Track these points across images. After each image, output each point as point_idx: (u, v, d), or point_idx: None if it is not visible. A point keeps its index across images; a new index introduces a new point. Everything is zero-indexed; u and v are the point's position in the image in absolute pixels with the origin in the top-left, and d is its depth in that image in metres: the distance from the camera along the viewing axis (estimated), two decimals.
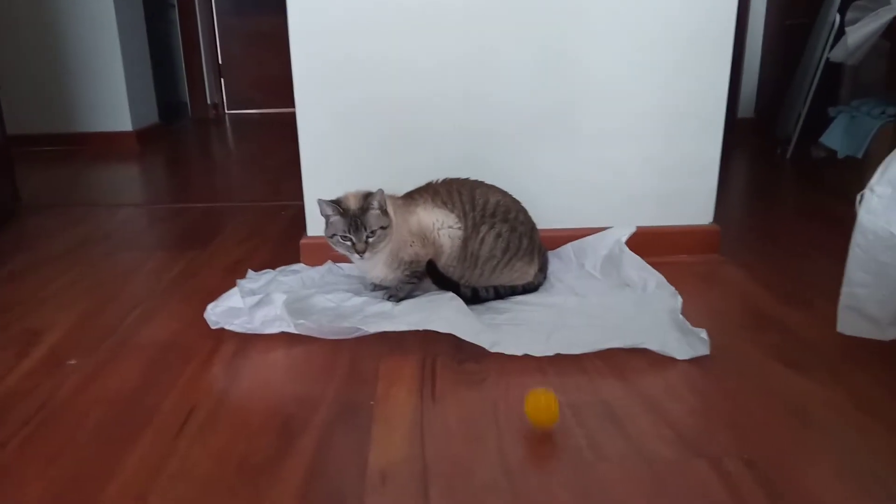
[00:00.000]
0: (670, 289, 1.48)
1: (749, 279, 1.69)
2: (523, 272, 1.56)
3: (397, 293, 1.50)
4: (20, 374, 1.25)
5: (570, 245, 1.74)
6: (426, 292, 1.51)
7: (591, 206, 1.81)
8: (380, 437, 1.04)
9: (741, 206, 2.53)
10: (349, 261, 1.51)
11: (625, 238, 1.66)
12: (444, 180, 1.58)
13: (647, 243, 1.68)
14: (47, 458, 1.00)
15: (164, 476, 0.95)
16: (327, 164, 1.75)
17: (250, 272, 1.64)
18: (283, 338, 1.35)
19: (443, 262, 1.51)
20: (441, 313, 1.35)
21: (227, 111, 5.52)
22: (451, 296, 1.44)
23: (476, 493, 0.91)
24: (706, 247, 1.83)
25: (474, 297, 1.48)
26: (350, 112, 1.72)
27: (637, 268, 1.58)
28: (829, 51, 2.87)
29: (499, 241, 1.52)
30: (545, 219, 1.68)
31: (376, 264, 1.48)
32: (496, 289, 1.52)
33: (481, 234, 1.51)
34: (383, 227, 1.43)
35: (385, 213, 1.44)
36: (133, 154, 3.76)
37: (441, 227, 1.51)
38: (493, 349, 1.26)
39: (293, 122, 1.72)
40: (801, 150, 3.15)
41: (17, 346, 1.36)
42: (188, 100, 5.22)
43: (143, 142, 3.92)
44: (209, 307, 1.39)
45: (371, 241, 1.42)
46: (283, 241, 1.98)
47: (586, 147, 1.77)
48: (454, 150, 1.75)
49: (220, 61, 5.42)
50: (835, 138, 2.82)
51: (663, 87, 1.74)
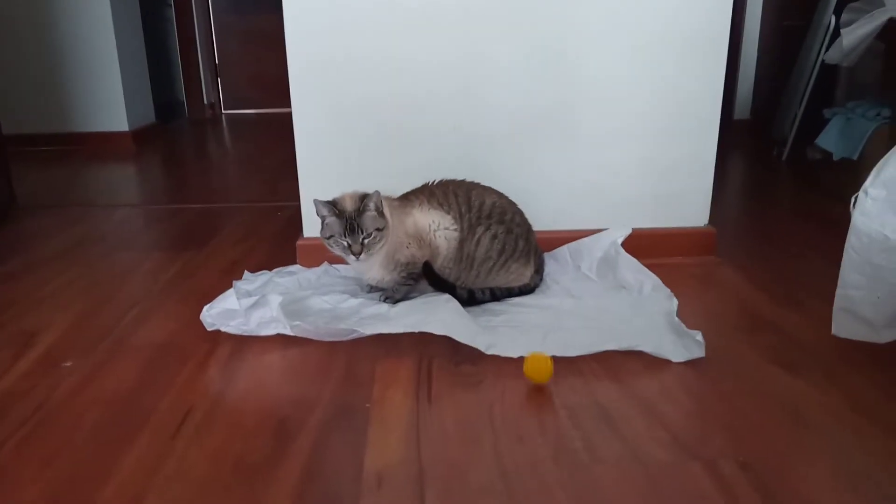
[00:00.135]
0: (666, 291, 1.48)
1: (745, 281, 1.69)
2: (519, 274, 1.56)
3: (394, 295, 1.51)
4: (16, 375, 1.25)
5: (566, 247, 1.75)
6: (422, 294, 1.52)
7: (587, 208, 1.81)
8: (376, 439, 1.04)
9: (737, 208, 2.54)
10: (346, 262, 1.51)
11: (621, 240, 1.66)
12: (440, 181, 1.58)
13: (642, 245, 1.69)
14: (44, 459, 1.00)
15: (161, 477, 0.95)
16: (324, 165, 1.75)
17: (247, 273, 1.64)
18: (280, 339, 1.36)
19: (439, 264, 1.51)
20: (437, 315, 1.35)
21: (223, 111, 5.51)
22: (447, 297, 1.44)
23: (472, 495, 0.92)
24: (702, 248, 1.83)
25: (470, 299, 1.48)
26: (346, 112, 1.72)
27: (633, 270, 1.58)
28: (825, 52, 2.88)
29: (495, 242, 1.52)
30: (541, 220, 1.68)
31: (372, 266, 1.48)
32: (492, 290, 1.52)
33: (477, 235, 1.51)
34: (379, 229, 1.43)
35: (381, 214, 1.44)
36: (129, 154, 3.75)
37: (437, 228, 1.51)
38: (490, 352, 1.26)
39: (289, 121, 1.72)
40: (796, 152, 3.16)
41: (14, 347, 1.36)
42: (185, 99, 5.21)
43: (140, 142, 3.91)
44: (205, 309, 1.39)
45: (367, 242, 1.42)
46: (279, 242, 1.98)
47: (582, 148, 1.77)
48: (451, 150, 1.75)
49: (216, 60, 5.42)
50: (830, 140, 2.83)
51: (659, 89, 1.74)
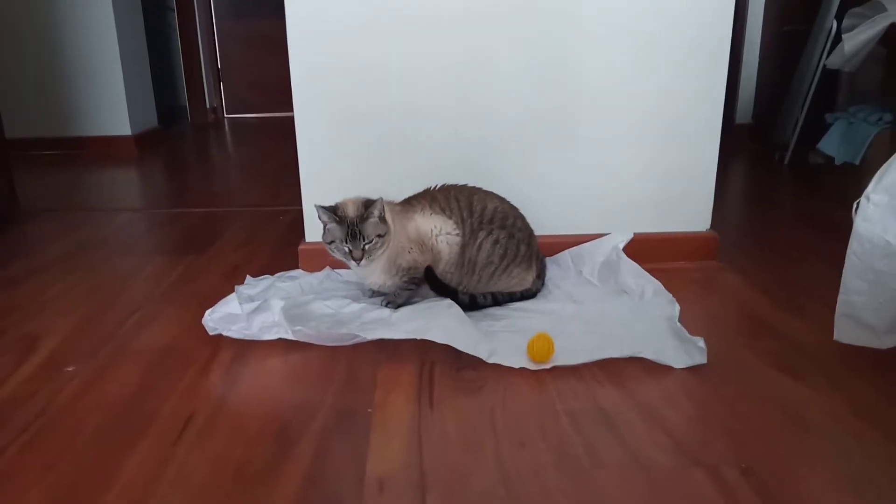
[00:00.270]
0: (668, 296, 1.49)
1: (747, 285, 1.69)
2: (521, 279, 1.56)
3: (395, 299, 1.51)
4: (19, 380, 1.25)
5: (567, 252, 1.75)
6: (424, 298, 1.52)
7: (589, 213, 1.81)
8: (377, 445, 1.04)
9: (739, 212, 2.54)
10: (347, 267, 1.51)
11: (622, 245, 1.66)
12: (441, 186, 1.58)
13: (644, 250, 1.69)
14: (46, 464, 1.00)
15: (163, 482, 0.96)
16: (326, 170, 1.75)
17: (249, 278, 1.64)
18: (281, 344, 1.36)
19: (441, 269, 1.51)
20: (439, 321, 1.35)
21: (226, 115, 5.52)
22: (448, 303, 1.44)
23: (474, 500, 0.92)
24: (704, 253, 1.83)
25: (472, 304, 1.49)
26: (348, 118, 1.73)
27: (634, 275, 1.58)
28: (826, 57, 2.88)
29: (496, 247, 1.52)
30: (543, 225, 1.68)
31: (374, 270, 1.48)
32: (494, 295, 1.52)
33: (479, 240, 1.52)
34: (381, 235, 1.43)
35: (383, 220, 1.44)
36: (132, 158, 3.76)
37: (439, 233, 1.51)
38: (491, 360, 1.26)
39: (292, 125, 1.72)
40: (798, 157, 3.16)
41: (16, 352, 1.36)
42: (187, 104, 5.22)
43: (142, 146, 3.92)
44: (207, 313, 1.39)
45: (368, 248, 1.42)
46: (281, 247, 1.98)
47: (584, 153, 1.78)
48: (452, 156, 1.75)
49: (219, 65, 5.43)
50: (832, 144, 2.83)
51: (661, 94, 1.75)
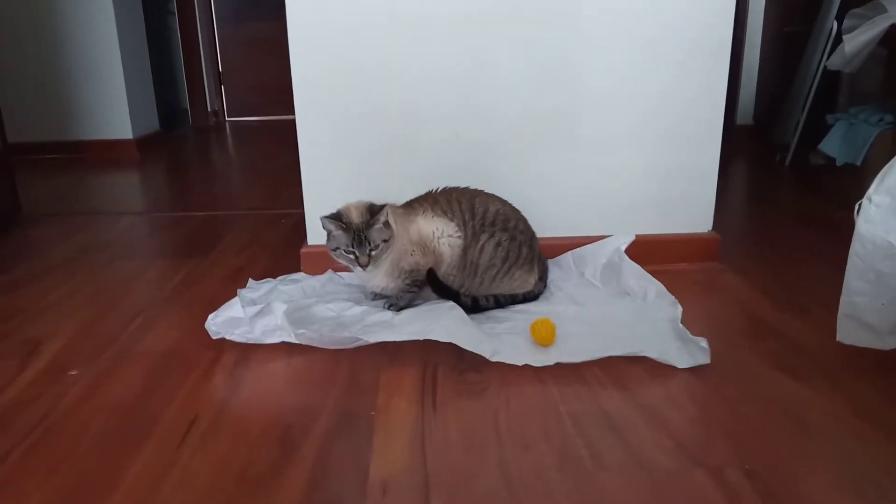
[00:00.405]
0: (670, 297, 1.49)
1: (748, 287, 1.69)
2: (523, 281, 1.56)
3: (398, 302, 1.51)
4: (22, 384, 1.26)
5: (569, 253, 1.75)
6: (426, 301, 1.52)
7: (591, 215, 1.81)
8: (380, 447, 1.04)
9: (740, 213, 2.54)
10: (350, 270, 1.51)
11: (624, 246, 1.66)
12: (443, 189, 1.59)
13: (646, 251, 1.69)
14: (49, 468, 1.01)
15: (166, 486, 0.96)
16: (327, 173, 1.75)
17: (251, 281, 1.64)
18: (284, 347, 1.36)
19: (443, 271, 1.52)
20: (441, 322, 1.35)
21: (227, 118, 5.52)
22: (451, 305, 1.44)
23: (477, 502, 0.92)
24: (705, 255, 1.83)
25: (474, 306, 1.49)
26: (350, 120, 1.73)
27: (637, 276, 1.58)
28: (827, 58, 2.88)
29: (498, 249, 1.52)
30: (544, 227, 1.69)
31: (377, 273, 1.48)
32: (496, 297, 1.52)
33: (481, 242, 1.52)
34: (385, 240, 1.43)
35: (387, 225, 1.44)
36: (133, 162, 3.76)
37: (441, 235, 1.51)
38: (494, 358, 1.26)
39: (293, 128, 1.73)
40: (799, 157, 3.16)
41: (19, 356, 1.37)
42: (188, 107, 5.23)
43: (144, 149, 3.93)
44: (210, 317, 1.39)
45: (374, 254, 1.42)
46: (283, 250, 1.99)
47: (585, 155, 1.78)
48: (453, 158, 1.75)
49: (220, 68, 5.44)
50: (833, 145, 2.83)
51: (662, 95, 1.75)
